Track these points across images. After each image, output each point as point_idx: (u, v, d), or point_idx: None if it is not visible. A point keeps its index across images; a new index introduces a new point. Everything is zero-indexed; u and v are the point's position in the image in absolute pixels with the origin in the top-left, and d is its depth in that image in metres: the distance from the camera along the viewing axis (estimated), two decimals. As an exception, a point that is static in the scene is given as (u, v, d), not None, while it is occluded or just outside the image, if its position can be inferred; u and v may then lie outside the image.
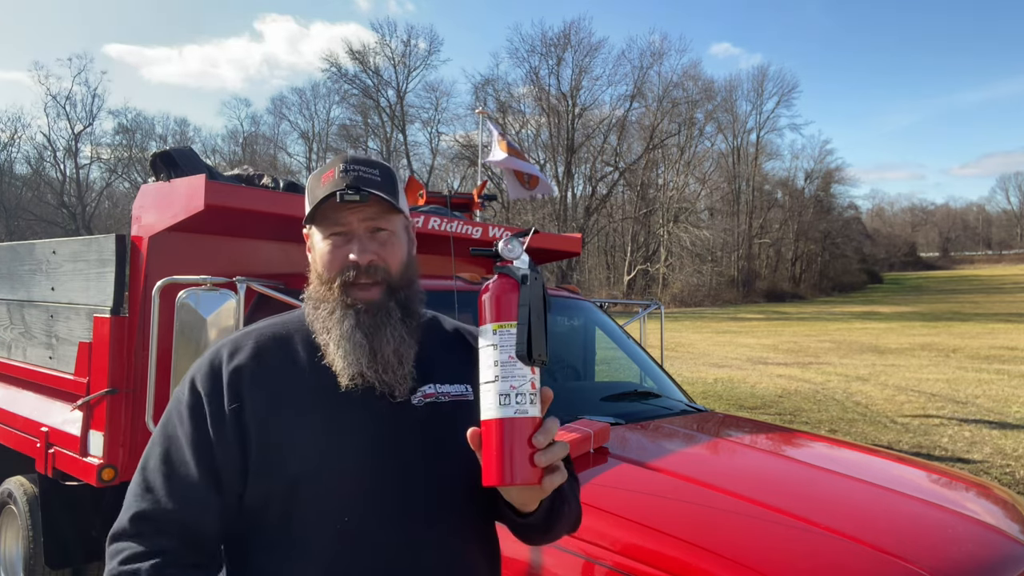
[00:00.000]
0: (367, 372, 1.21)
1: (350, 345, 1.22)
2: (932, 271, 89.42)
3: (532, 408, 1.09)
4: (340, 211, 1.25)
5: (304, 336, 1.29)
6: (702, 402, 4.70)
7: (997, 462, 6.94)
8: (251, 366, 1.23)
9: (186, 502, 1.17)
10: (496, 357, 1.08)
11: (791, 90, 58.71)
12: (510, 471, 1.06)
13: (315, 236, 1.30)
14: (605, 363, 3.96)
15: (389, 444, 1.22)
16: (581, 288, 17.48)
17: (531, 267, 1.13)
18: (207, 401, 1.21)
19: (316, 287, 1.29)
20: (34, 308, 3.71)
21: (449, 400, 1.30)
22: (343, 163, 1.29)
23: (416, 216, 3.49)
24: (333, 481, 1.19)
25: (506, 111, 48.18)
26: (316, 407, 1.22)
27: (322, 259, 1.28)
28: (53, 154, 51.69)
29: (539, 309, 1.10)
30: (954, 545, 1.90)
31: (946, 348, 18.36)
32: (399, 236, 1.31)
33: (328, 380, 1.23)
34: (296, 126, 57.82)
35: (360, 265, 1.25)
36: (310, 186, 1.31)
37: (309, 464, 1.18)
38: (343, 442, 1.21)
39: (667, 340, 7.02)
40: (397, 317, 1.26)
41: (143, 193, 3.17)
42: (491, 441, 1.08)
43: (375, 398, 1.23)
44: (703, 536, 1.81)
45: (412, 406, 1.26)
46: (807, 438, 3.12)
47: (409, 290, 1.30)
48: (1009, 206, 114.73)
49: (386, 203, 1.26)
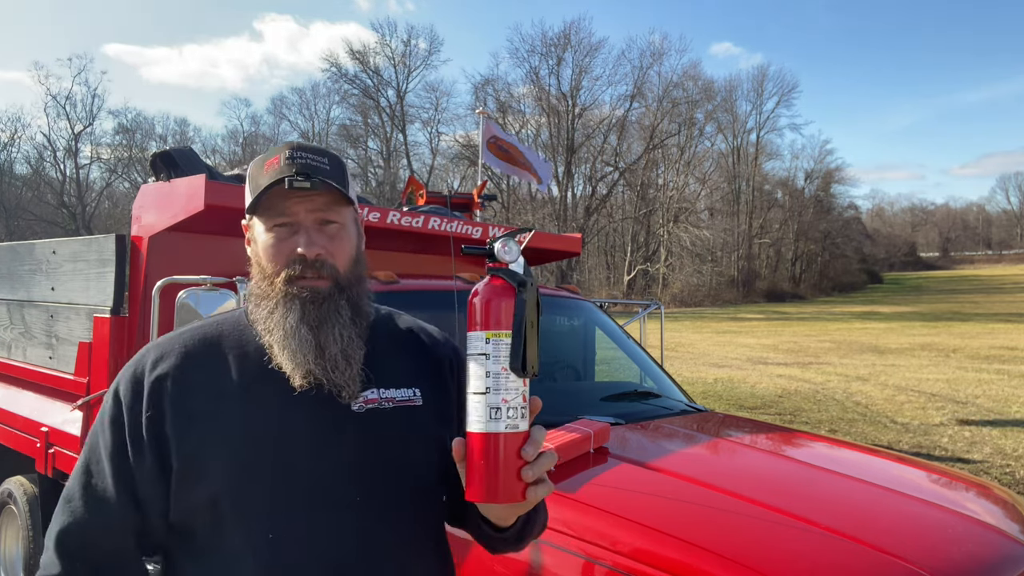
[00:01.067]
0: (315, 370, 1.13)
1: (296, 342, 1.13)
2: (932, 271, 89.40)
3: (522, 422, 1.03)
4: (286, 200, 1.17)
5: (238, 338, 1.21)
6: (702, 402, 4.70)
7: (997, 462, 6.94)
8: (175, 374, 1.15)
9: (102, 517, 1.12)
10: (488, 368, 1.01)
11: (791, 90, 58.76)
12: (496, 488, 1.01)
13: (257, 228, 1.21)
14: (605, 363, 3.96)
15: (325, 454, 1.14)
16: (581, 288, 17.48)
17: (527, 271, 1.06)
18: (127, 411, 1.14)
19: (258, 282, 1.21)
20: (34, 308, 3.71)
21: (393, 407, 1.21)
22: (289, 150, 1.19)
23: (416, 216, 3.49)
24: (258, 494, 1.10)
25: (506, 111, 48.21)
26: (244, 415, 1.13)
27: (265, 252, 1.19)
28: (53, 154, 51.74)
29: (534, 318, 1.04)
30: (954, 545, 1.90)
31: (946, 348, 18.36)
32: (348, 229, 1.22)
33: (261, 385, 1.15)
34: (296, 126, 57.82)
35: (307, 259, 1.16)
36: (252, 174, 1.22)
37: (232, 476, 1.10)
38: (273, 452, 1.12)
39: (667, 340, 7.03)
40: (347, 316, 1.17)
41: (143, 193, 3.17)
42: (478, 456, 1.01)
43: (316, 403, 1.14)
44: (703, 536, 1.81)
45: (352, 413, 1.17)
46: (807, 438, 3.12)
47: (359, 288, 1.22)
48: (1009, 206, 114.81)
49: (336, 193, 1.18)
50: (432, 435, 1.23)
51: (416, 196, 4.71)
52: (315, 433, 1.14)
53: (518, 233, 1.13)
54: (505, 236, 1.08)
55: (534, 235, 4.06)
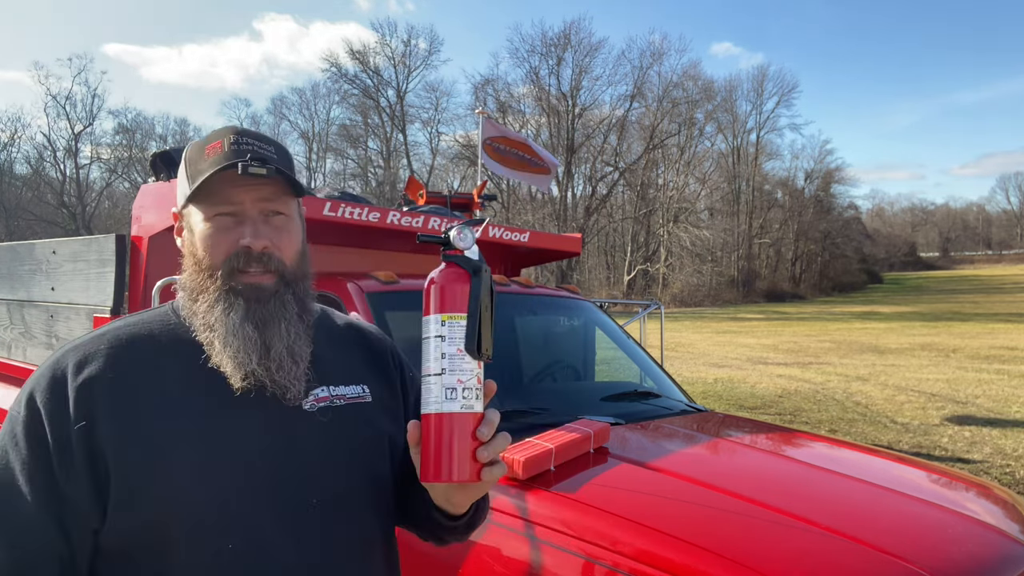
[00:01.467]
0: (258, 370, 1.06)
1: (239, 342, 1.06)
2: (932, 271, 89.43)
3: (477, 403, 1.03)
4: (232, 188, 1.09)
5: (169, 336, 1.11)
6: (702, 402, 4.70)
7: (997, 462, 6.93)
8: (105, 377, 1.04)
9: (18, 541, 0.98)
10: (444, 349, 1.02)
11: (791, 90, 58.71)
12: (451, 468, 1.01)
13: (194, 216, 1.12)
14: (605, 363, 3.95)
15: (280, 457, 1.08)
16: (581, 288, 17.42)
17: (481, 259, 1.07)
18: (48, 421, 1.01)
19: (193, 275, 1.12)
20: (34, 308, 3.71)
21: (345, 403, 1.17)
22: (234, 135, 1.12)
23: (416, 216, 3.49)
24: (213, 504, 1.02)
25: (506, 111, 48.18)
26: (188, 419, 1.04)
27: (204, 242, 1.10)
28: (53, 154, 51.72)
29: (488, 303, 1.05)
30: (954, 545, 1.90)
31: (946, 348, 18.36)
32: (295, 223, 1.16)
33: (202, 386, 1.07)
34: (296, 126, 57.79)
35: (252, 251, 1.09)
36: (191, 157, 1.13)
37: (184, 487, 1.01)
38: (224, 459, 1.04)
39: (667, 340, 7.03)
40: (293, 312, 1.12)
41: (143, 193, 3.17)
42: (433, 436, 1.02)
43: (262, 404, 1.08)
44: (703, 536, 1.81)
45: (305, 412, 1.12)
46: (807, 438, 3.12)
47: (304, 283, 1.16)
48: (1009, 206, 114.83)
49: (285, 183, 1.11)
50: (384, 431, 1.21)
51: (416, 197, 4.71)
52: (269, 435, 1.08)
53: (474, 223, 1.14)
54: (460, 224, 1.09)
55: (534, 235, 4.06)
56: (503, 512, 1.98)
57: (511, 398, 3.15)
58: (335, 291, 2.92)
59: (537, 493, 2.04)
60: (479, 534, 1.98)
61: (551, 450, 2.19)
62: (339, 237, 3.52)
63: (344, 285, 2.92)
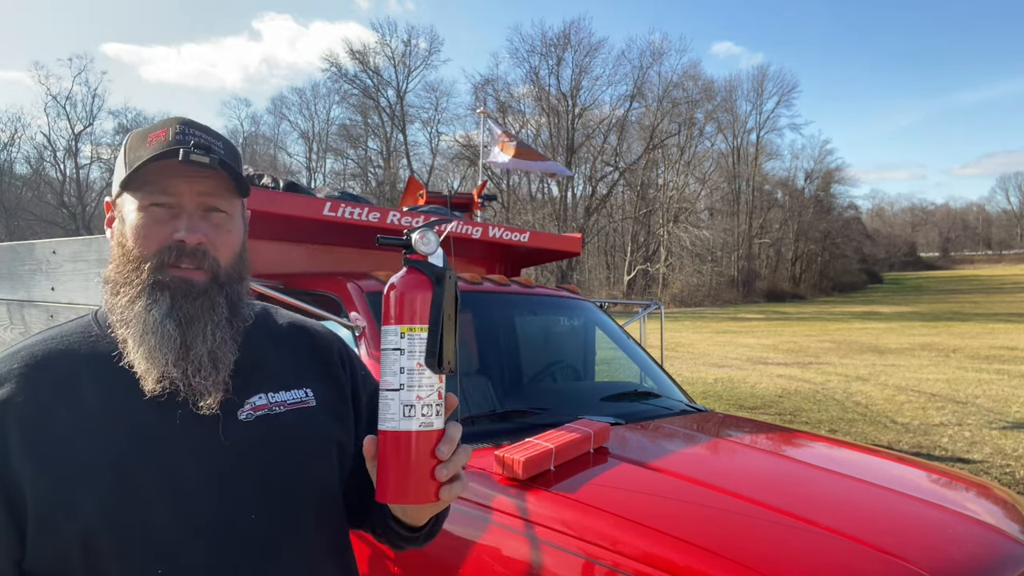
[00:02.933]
0: (172, 372, 0.99)
1: (156, 339, 0.99)
2: (932, 271, 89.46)
3: (437, 420, 0.98)
4: (171, 179, 1.03)
5: (89, 350, 1.04)
6: (702, 402, 4.70)
7: (997, 462, 6.93)
8: (17, 398, 0.97)
9: None
10: (402, 363, 0.96)
11: (791, 90, 58.72)
12: (406, 489, 0.96)
13: (127, 205, 1.06)
14: (605, 363, 3.95)
15: (212, 475, 1.00)
16: (581, 288, 17.39)
17: (446, 264, 1.01)
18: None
19: (119, 267, 1.05)
20: (34, 308, 3.71)
21: (286, 410, 1.10)
22: (180, 124, 1.06)
23: (416, 216, 3.49)
24: (135, 531, 0.95)
25: (506, 111, 48.16)
26: (107, 442, 0.97)
27: (135, 232, 1.03)
28: (53, 154, 51.72)
29: (452, 312, 0.98)
30: (954, 545, 1.90)
31: (946, 348, 18.36)
32: (236, 222, 1.10)
33: (124, 404, 1.00)
34: (296, 126, 57.79)
35: (186, 246, 1.03)
36: (131, 144, 1.08)
37: (105, 509, 0.94)
38: (147, 483, 0.97)
39: (667, 340, 7.03)
40: (222, 315, 1.04)
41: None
42: (389, 455, 0.96)
43: (192, 418, 1.01)
44: (703, 536, 1.81)
45: (241, 422, 1.04)
46: (807, 438, 3.12)
47: (239, 286, 1.09)
48: (1009, 206, 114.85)
49: (228, 179, 1.05)
50: (330, 436, 1.15)
51: (416, 198, 4.71)
52: (199, 452, 1.01)
53: (435, 225, 1.05)
54: (424, 227, 1.02)
55: (534, 235, 4.06)
56: (503, 512, 1.98)
57: (511, 398, 3.15)
58: (335, 291, 2.91)
59: (537, 493, 2.04)
60: (479, 534, 1.98)
61: (551, 450, 2.19)
62: (339, 237, 3.52)
63: (344, 285, 2.92)
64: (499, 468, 2.13)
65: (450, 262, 1.03)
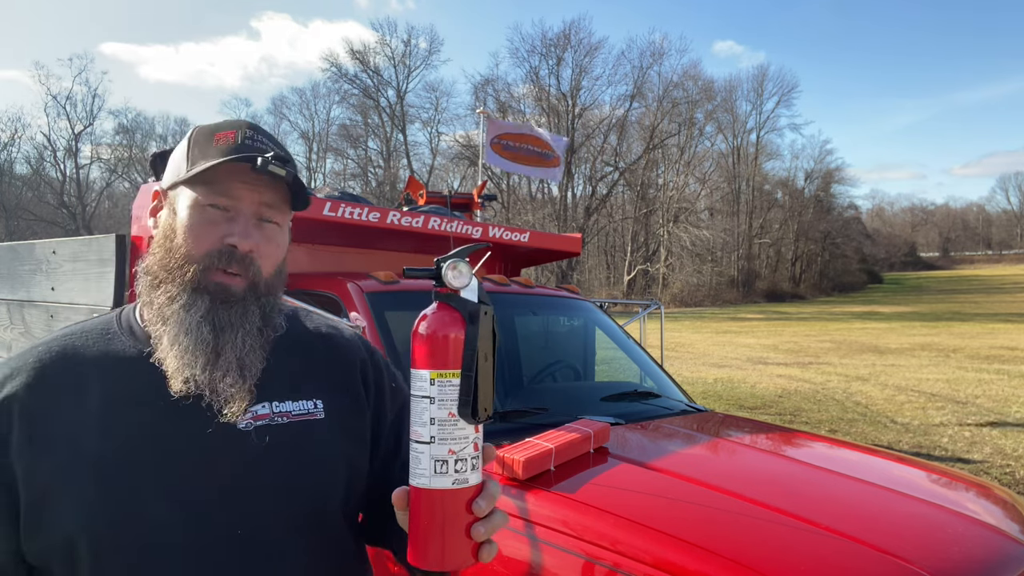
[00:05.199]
0: (200, 376, 0.98)
1: (191, 340, 0.99)
2: (932, 271, 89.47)
3: (473, 475, 0.89)
4: (235, 182, 1.03)
5: (104, 348, 1.04)
6: (702, 402, 4.70)
7: (997, 462, 6.93)
8: (24, 395, 0.98)
9: None
10: (433, 413, 0.88)
11: (791, 90, 58.75)
12: (443, 553, 0.88)
13: (181, 199, 1.05)
14: (605, 363, 3.95)
15: (203, 479, 0.99)
16: (581, 288, 17.33)
17: (481, 297, 0.91)
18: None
19: (162, 260, 1.04)
20: (34, 308, 3.71)
21: (289, 421, 1.06)
22: (249, 129, 1.06)
23: (416, 216, 3.49)
24: (122, 530, 0.95)
25: (506, 111, 48.16)
26: (106, 437, 0.97)
27: (186, 229, 1.02)
28: (53, 154, 51.78)
29: (488, 352, 0.89)
30: (954, 545, 1.90)
31: (946, 348, 18.36)
32: (284, 236, 1.10)
33: (131, 404, 0.99)
34: (296, 126, 57.73)
35: (236, 251, 1.02)
36: (197, 140, 1.07)
37: (90, 510, 0.94)
38: (142, 479, 0.96)
39: (667, 340, 7.03)
40: (255, 324, 1.04)
41: (143, 193, 3.17)
42: (422, 515, 0.89)
43: (194, 422, 0.99)
44: (703, 536, 1.81)
45: (239, 432, 1.02)
46: (807, 438, 3.12)
47: (274, 298, 1.09)
48: (1009, 206, 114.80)
49: (290, 195, 1.06)
50: (337, 451, 1.10)
51: (416, 197, 4.71)
52: (193, 455, 0.99)
53: (468, 253, 0.94)
54: (455, 256, 0.91)
55: (534, 235, 4.06)
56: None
57: (511, 398, 3.15)
58: (335, 291, 2.91)
59: (537, 493, 2.04)
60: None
61: (551, 450, 2.19)
62: (339, 237, 3.52)
63: (344, 285, 2.92)
64: (499, 468, 2.13)
65: None
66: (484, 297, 0.91)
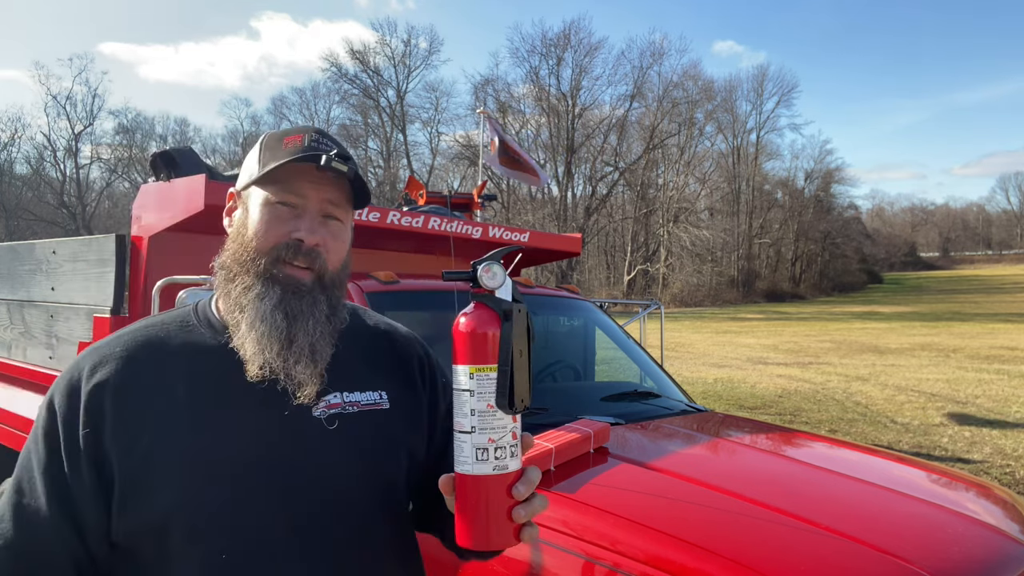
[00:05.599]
0: (276, 361, 1.05)
1: (266, 327, 1.06)
2: (932, 271, 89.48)
3: (512, 461, 0.97)
4: (302, 180, 1.10)
5: (184, 338, 1.11)
6: (702, 402, 4.70)
7: (997, 462, 6.93)
8: (115, 381, 1.04)
9: (33, 538, 1.01)
10: (473, 405, 0.95)
11: (791, 90, 58.79)
12: (488, 534, 0.96)
13: (254, 198, 1.13)
14: (605, 363, 3.96)
15: (285, 464, 1.06)
16: (581, 288, 17.29)
17: (515, 296, 0.99)
18: (62, 425, 1.03)
19: (237, 253, 1.11)
20: (34, 308, 3.71)
21: (358, 411, 1.13)
22: (315, 133, 1.14)
23: (416, 216, 3.49)
24: (212, 510, 1.01)
25: (506, 111, 48.18)
26: (193, 424, 1.04)
27: (258, 225, 1.10)
28: (53, 154, 51.80)
29: (524, 348, 0.96)
30: (954, 545, 1.90)
31: (946, 348, 18.36)
32: (347, 232, 1.17)
33: (213, 390, 1.06)
34: (296, 126, 57.76)
35: (303, 244, 1.09)
36: (268, 144, 1.14)
37: (184, 493, 1.01)
38: (227, 465, 1.03)
39: (667, 340, 7.04)
40: (323, 312, 1.11)
41: (143, 193, 3.17)
42: (467, 500, 0.97)
43: (272, 408, 1.07)
44: (703, 536, 1.81)
45: (314, 418, 1.09)
46: (807, 438, 3.12)
47: (339, 291, 1.16)
48: (1009, 206, 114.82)
49: (352, 193, 1.14)
50: (400, 440, 1.17)
51: (416, 197, 4.71)
52: (275, 441, 1.06)
53: (503, 255, 1.02)
54: (489, 259, 1.00)
55: (534, 235, 4.06)
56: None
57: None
58: (335, 291, 2.91)
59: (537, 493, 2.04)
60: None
61: (551, 450, 2.19)
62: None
63: (344, 285, 2.91)
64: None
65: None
66: (518, 296, 0.99)
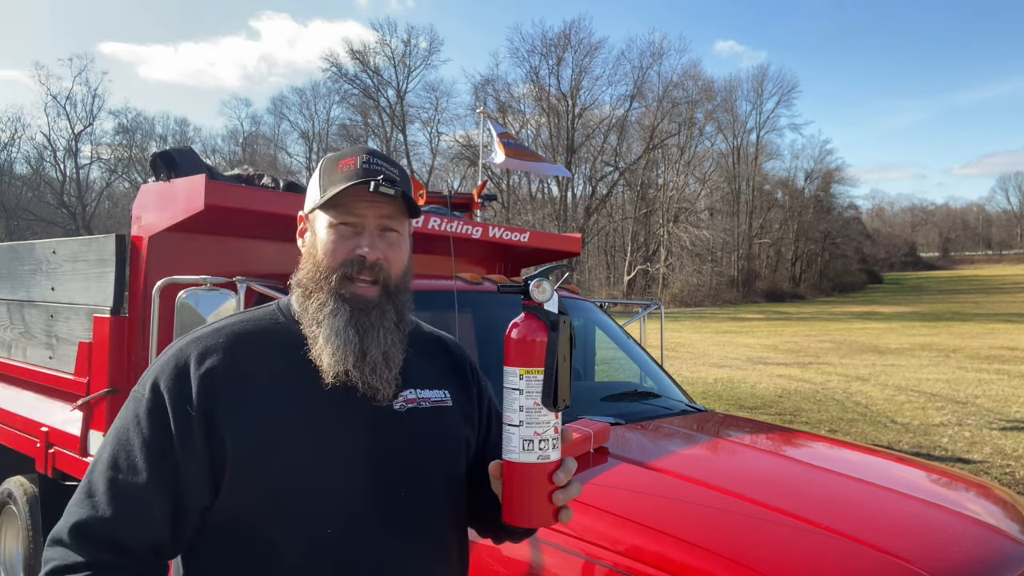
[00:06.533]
0: (352, 372, 1.16)
1: (340, 341, 1.16)
2: (932, 271, 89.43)
3: (554, 452, 1.12)
4: (358, 202, 1.20)
5: (279, 333, 1.23)
6: (702, 402, 4.69)
7: (997, 462, 6.94)
8: (224, 368, 1.15)
9: (129, 513, 1.08)
10: (522, 402, 1.10)
11: (791, 90, 58.70)
12: (530, 513, 1.12)
13: (319, 221, 1.24)
14: (605, 363, 3.96)
15: (374, 451, 1.18)
16: (581, 288, 17.33)
17: (561, 308, 1.13)
18: (172, 405, 1.11)
19: (310, 274, 1.23)
20: (34, 308, 3.71)
21: (430, 406, 1.27)
22: (366, 154, 1.24)
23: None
24: (317, 491, 1.13)
25: (506, 111, 48.18)
26: (299, 412, 1.15)
27: (325, 246, 1.21)
28: (53, 154, 51.77)
29: (566, 352, 1.11)
30: (954, 545, 1.90)
31: (946, 348, 18.36)
32: (405, 240, 1.28)
33: (307, 381, 1.17)
34: (296, 126, 57.75)
35: (366, 261, 1.20)
36: (325, 169, 1.26)
37: (296, 473, 1.12)
38: (329, 449, 1.15)
39: (667, 340, 7.02)
40: (392, 320, 1.22)
41: (143, 193, 3.17)
42: (513, 483, 1.12)
43: (358, 401, 1.18)
44: (703, 536, 1.81)
45: (394, 411, 1.22)
46: (807, 438, 3.12)
47: (405, 296, 1.27)
48: (1009, 206, 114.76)
49: (405, 205, 1.23)
50: (461, 433, 1.31)
51: (415, 197, 4.71)
52: (365, 429, 1.18)
53: (551, 272, 1.17)
54: (539, 275, 1.14)
55: (534, 235, 4.06)
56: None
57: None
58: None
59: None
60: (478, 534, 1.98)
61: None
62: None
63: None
64: (499, 468, 2.13)
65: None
66: (563, 308, 1.14)
